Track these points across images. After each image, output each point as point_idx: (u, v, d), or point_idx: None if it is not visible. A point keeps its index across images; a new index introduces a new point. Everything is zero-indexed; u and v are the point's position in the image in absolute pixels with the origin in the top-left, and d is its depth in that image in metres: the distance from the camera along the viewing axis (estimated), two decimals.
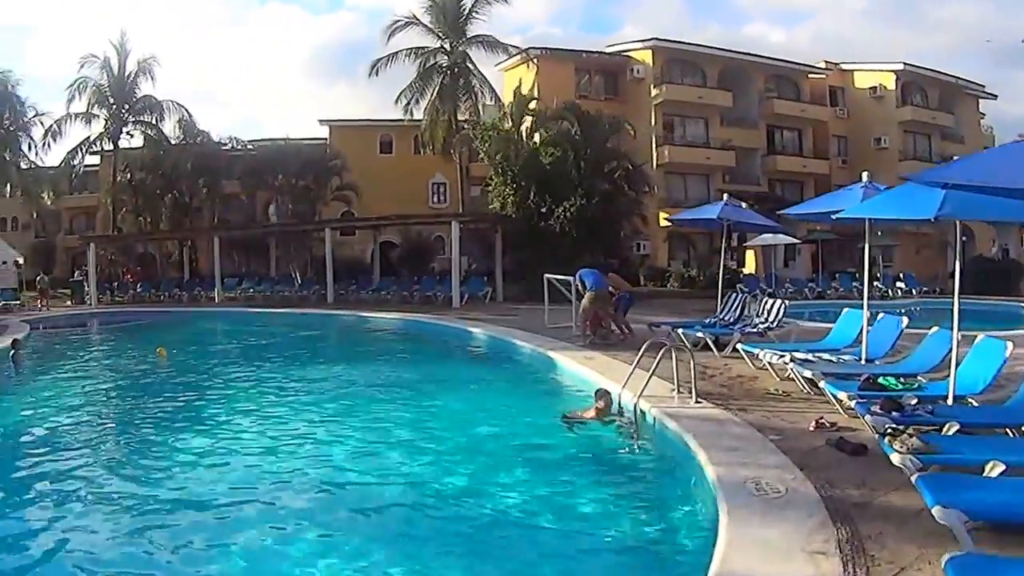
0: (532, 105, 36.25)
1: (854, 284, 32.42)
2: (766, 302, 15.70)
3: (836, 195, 12.96)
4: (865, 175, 11.73)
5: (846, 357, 11.03)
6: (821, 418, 8.22)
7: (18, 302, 34.79)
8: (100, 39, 59.95)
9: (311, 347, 21.24)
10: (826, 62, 51.03)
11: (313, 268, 41.28)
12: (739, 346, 12.77)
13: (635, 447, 8.82)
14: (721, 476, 6.30)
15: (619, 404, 9.86)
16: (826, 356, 11.04)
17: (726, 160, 44.98)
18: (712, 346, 14.08)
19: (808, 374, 9.67)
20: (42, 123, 46.01)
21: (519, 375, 14.66)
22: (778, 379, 11.06)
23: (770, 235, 31.65)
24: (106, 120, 45.07)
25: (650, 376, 9.55)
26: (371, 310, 27.70)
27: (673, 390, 9.92)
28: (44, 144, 45.38)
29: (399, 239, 44.62)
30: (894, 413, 6.94)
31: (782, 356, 10.84)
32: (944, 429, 6.56)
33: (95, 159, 48.13)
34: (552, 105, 35.23)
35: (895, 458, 5.49)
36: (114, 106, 45.09)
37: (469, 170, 41.32)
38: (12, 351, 17.03)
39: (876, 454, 6.51)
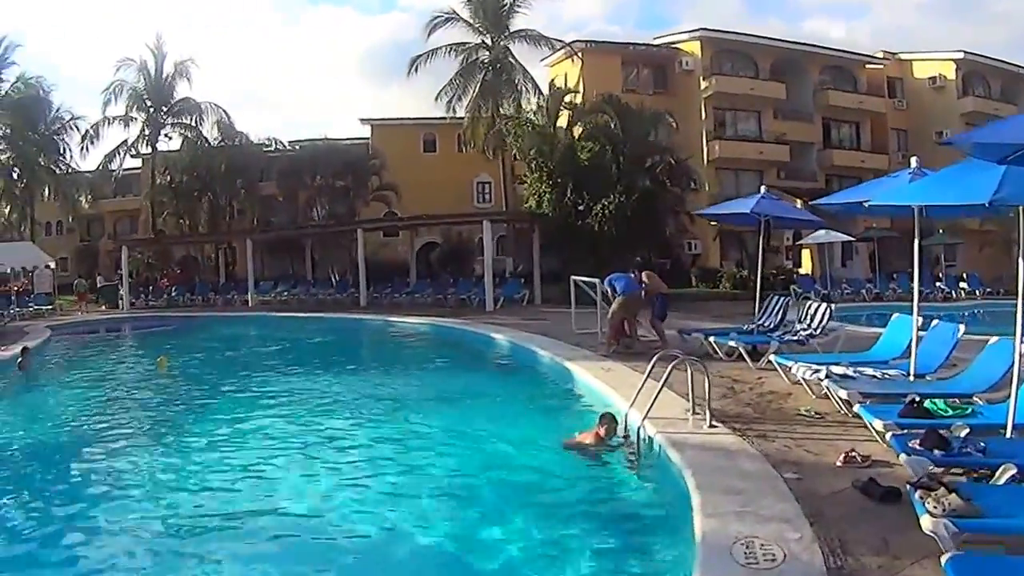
0: (569, 98, 34.94)
1: (912, 284, 30.56)
2: (809, 305, 14.23)
3: (879, 182, 11.43)
4: (915, 160, 10.19)
5: (892, 372, 9.60)
6: (852, 450, 6.91)
7: (51, 307, 34.69)
8: (136, 42, 59.77)
9: (318, 354, 20.37)
10: (884, 52, 48.65)
11: (352, 270, 40.48)
12: (772, 358, 11.42)
13: (632, 482, 7.65)
14: (707, 533, 5.07)
15: (626, 427, 8.65)
16: (869, 371, 9.59)
17: (780, 155, 43.02)
18: (746, 356, 12.72)
19: (843, 394, 8.27)
20: (78, 127, 46.28)
21: (529, 387, 13.40)
22: (813, 396, 9.72)
23: (824, 232, 29.93)
24: (143, 123, 45.06)
25: (656, 396, 8.35)
26: (400, 314, 26.81)
27: (688, 410, 8.71)
28: (82, 148, 45.59)
29: (441, 240, 43.70)
30: (937, 451, 5.62)
31: (817, 371, 9.46)
32: (996, 475, 5.21)
33: (137, 162, 48.10)
34: (592, 98, 33.79)
35: (925, 523, 4.22)
36: (151, 108, 45.01)
37: (513, 168, 40.15)
38: (19, 358, 16.81)
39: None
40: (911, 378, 9.22)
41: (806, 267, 41.04)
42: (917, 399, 7.25)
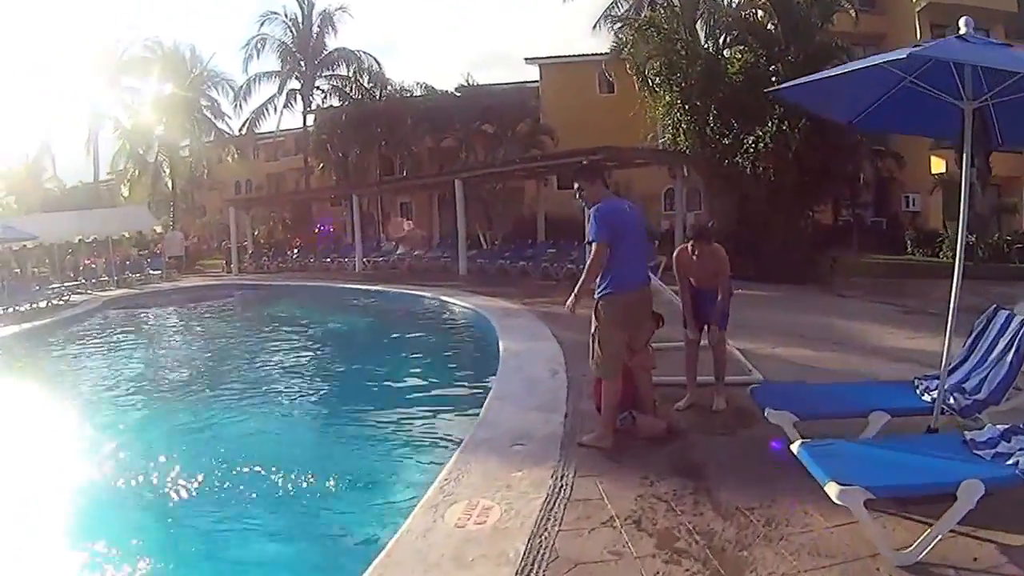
0: None
1: None
2: None
3: None
4: None
5: None
6: None
7: (158, 272, 31.87)
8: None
9: (285, 353, 14.49)
10: None
11: (518, 229, 32.78)
12: None
13: None
14: None
15: None
16: None
17: None
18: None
19: None
20: (229, 86, 43.08)
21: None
22: None
23: None
24: (287, 74, 41.17)
25: None
26: (475, 291, 19.03)
27: None
28: (235, 106, 42.63)
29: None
30: None
31: None
32: None
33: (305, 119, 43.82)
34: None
35: None
36: (301, 62, 40.70)
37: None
38: None
39: None
40: None
41: None
42: None
